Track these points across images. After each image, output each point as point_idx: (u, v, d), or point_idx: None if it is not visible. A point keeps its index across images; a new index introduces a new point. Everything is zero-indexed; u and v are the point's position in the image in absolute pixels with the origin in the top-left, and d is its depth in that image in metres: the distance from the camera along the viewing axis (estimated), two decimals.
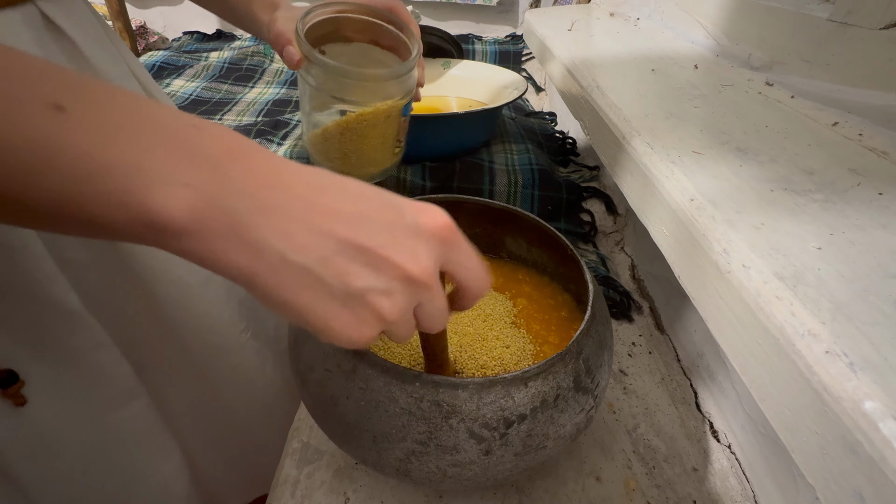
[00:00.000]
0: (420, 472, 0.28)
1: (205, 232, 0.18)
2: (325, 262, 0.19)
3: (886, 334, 0.21)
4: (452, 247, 0.22)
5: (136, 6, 1.70)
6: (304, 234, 0.19)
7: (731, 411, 0.41)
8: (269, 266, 0.19)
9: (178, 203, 0.17)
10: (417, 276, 0.21)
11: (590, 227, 0.63)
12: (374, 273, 0.20)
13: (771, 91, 0.46)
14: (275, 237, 0.19)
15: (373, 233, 0.20)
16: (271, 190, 0.19)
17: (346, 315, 0.20)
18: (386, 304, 0.20)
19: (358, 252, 0.20)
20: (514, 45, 1.26)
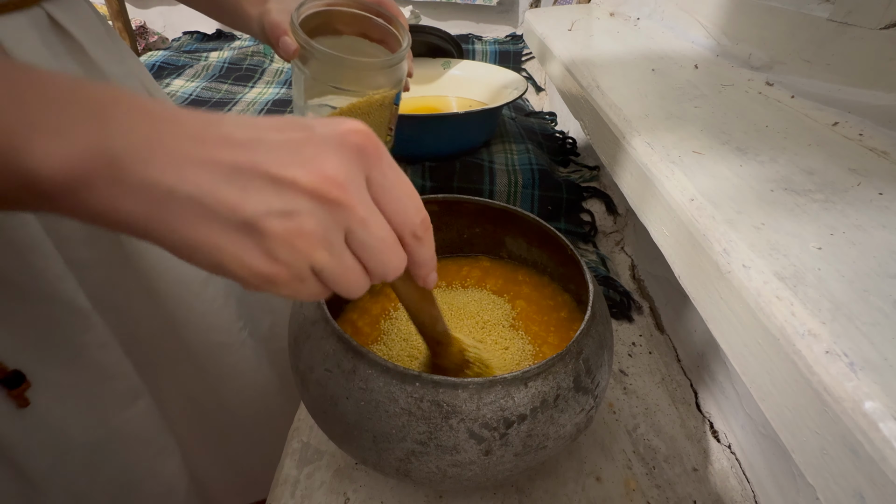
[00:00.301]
0: (420, 472, 0.28)
1: (88, 183, 0.16)
2: (215, 192, 0.17)
3: (886, 334, 0.21)
4: (374, 163, 0.19)
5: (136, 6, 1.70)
6: (191, 166, 0.17)
7: (731, 411, 0.41)
8: (159, 204, 0.17)
9: (52, 155, 0.16)
10: (323, 189, 0.18)
11: (590, 227, 0.63)
12: (269, 194, 0.17)
13: (771, 91, 0.46)
14: (161, 173, 0.17)
15: (267, 152, 0.18)
16: (158, 125, 0.17)
17: (251, 249, 0.18)
18: (288, 227, 0.17)
19: (249, 175, 0.17)
20: (514, 45, 1.26)
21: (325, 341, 0.30)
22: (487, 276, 0.45)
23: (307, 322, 0.32)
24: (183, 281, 0.51)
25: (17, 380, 0.40)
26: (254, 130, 0.18)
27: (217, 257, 0.18)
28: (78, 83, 0.17)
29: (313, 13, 0.43)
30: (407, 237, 0.20)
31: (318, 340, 0.30)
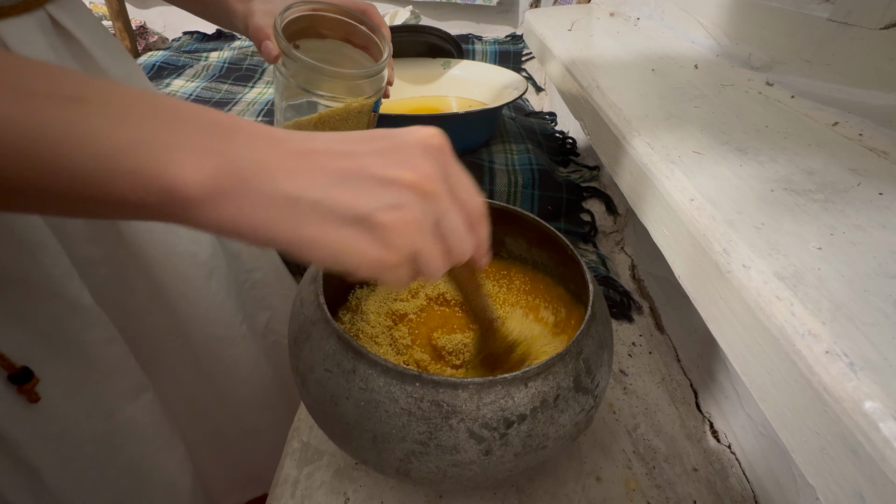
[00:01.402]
0: (420, 472, 0.28)
1: (222, 195, 0.19)
2: (330, 193, 0.20)
3: (886, 334, 0.21)
4: (449, 162, 0.23)
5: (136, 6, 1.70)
6: (308, 175, 0.20)
7: (731, 411, 0.41)
8: (284, 211, 0.20)
9: (193, 172, 0.18)
10: (422, 184, 0.21)
11: (590, 227, 0.63)
12: (377, 191, 0.20)
13: (771, 91, 0.46)
14: (283, 184, 0.20)
15: (368, 158, 0.21)
16: (271, 148, 0.20)
17: (366, 239, 0.20)
18: (399, 217, 0.20)
19: (359, 178, 0.20)
20: (514, 45, 1.26)
21: (325, 341, 0.30)
22: (487, 277, 0.45)
23: (307, 322, 0.32)
24: (186, 276, 0.52)
25: (26, 376, 0.41)
26: (349, 143, 0.22)
27: (336, 250, 0.20)
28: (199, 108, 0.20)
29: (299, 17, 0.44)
30: (474, 219, 0.24)
31: (318, 340, 0.30)
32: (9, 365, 0.40)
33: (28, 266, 0.40)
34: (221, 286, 0.56)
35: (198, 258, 0.53)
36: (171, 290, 0.51)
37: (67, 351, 0.44)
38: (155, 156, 0.18)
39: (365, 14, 0.46)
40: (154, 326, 0.53)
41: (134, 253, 0.48)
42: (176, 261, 0.51)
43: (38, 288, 0.41)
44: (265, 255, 0.65)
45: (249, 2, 0.48)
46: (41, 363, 0.42)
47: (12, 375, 0.40)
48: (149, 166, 0.18)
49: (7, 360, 0.40)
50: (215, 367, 0.58)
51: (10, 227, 0.38)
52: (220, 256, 0.56)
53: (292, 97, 0.47)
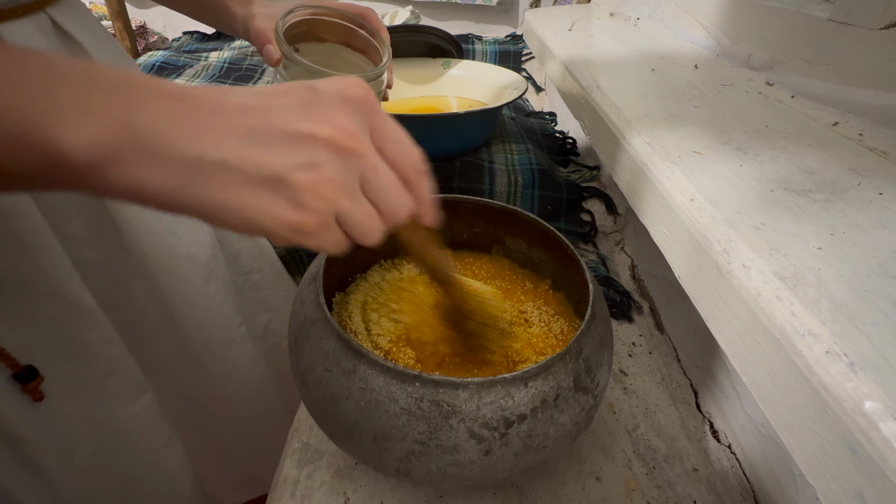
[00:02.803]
0: (420, 472, 0.28)
1: (117, 158, 0.17)
2: (240, 153, 0.19)
3: (886, 334, 0.21)
4: (374, 115, 0.21)
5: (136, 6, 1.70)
6: (214, 134, 0.18)
7: (731, 411, 0.41)
8: (189, 173, 0.18)
9: (82, 135, 0.17)
10: (340, 139, 0.19)
11: (590, 227, 0.63)
12: (291, 149, 0.19)
13: (771, 91, 0.46)
14: (186, 143, 0.18)
15: (282, 113, 0.19)
16: (175, 106, 0.18)
17: (280, 201, 0.19)
18: (313, 177, 0.19)
19: (270, 135, 0.19)
20: (514, 45, 1.26)
21: (325, 341, 0.30)
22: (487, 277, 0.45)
23: (307, 322, 0.32)
24: (185, 278, 0.52)
25: (31, 374, 0.41)
26: (263, 97, 0.20)
27: (249, 214, 0.19)
28: (94, 66, 0.18)
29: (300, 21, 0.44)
30: (410, 176, 0.22)
31: (318, 340, 0.30)
32: (13, 363, 0.40)
33: (29, 267, 0.40)
34: (220, 288, 0.56)
35: (197, 260, 0.53)
36: (171, 292, 0.51)
37: (68, 351, 0.44)
38: (38, 119, 0.17)
39: (364, 18, 0.46)
40: (153, 328, 0.53)
41: (133, 255, 0.48)
42: (175, 263, 0.51)
43: (40, 289, 0.41)
44: (264, 257, 0.65)
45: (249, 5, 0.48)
46: (43, 363, 0.42)
47: (17, 374, 0.40)
48: (32, 130, 0.16)
49: (12, 359, 0.40)
50: (214, 368, 0.58)
51: (11, 229, 0.38)
52: (220, 258, 0.56)
53: None
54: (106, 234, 0.47)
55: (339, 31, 0.47)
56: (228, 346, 0.58)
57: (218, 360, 0.58)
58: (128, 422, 0.50)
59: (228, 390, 0.60)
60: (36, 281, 0.40)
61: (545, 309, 0.41)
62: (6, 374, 0.40)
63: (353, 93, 0.20)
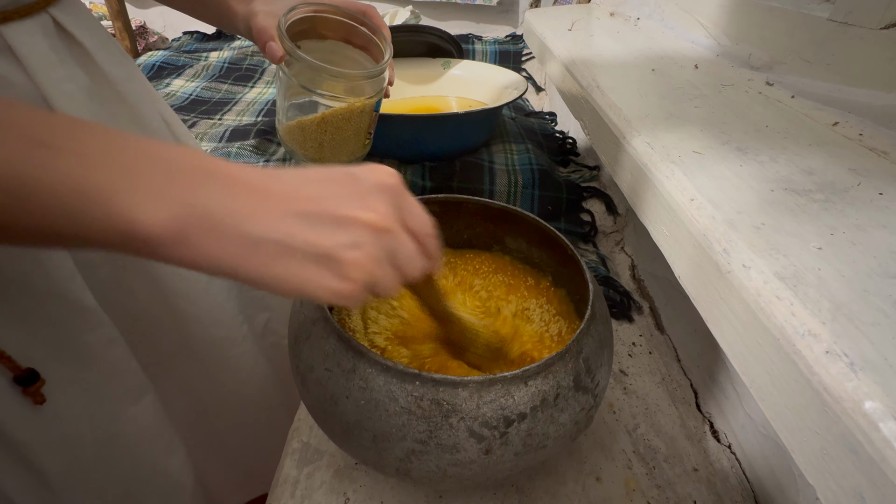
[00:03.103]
0: (420, 472, 0.28)
1: (186, 237, 0.20)
2: (294, 234, 0.22)
3: (886, 334, 0.21)
4: (402, 197, 0.25)
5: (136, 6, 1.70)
6: (273, 216, 0.22)
7: (731, 411, 0.41)
8: (249, 250, 0.21)
9: (157, 215, 0.20)
10: (379, 224, 0.23)
11: (590, 227, 0.63)
12: (338, 231, 0.22)
13: (771, 91, 0.46)
14: (247, 224, 0.21)
15: (330, 200, 0.23)
16: (236, 189, 0.22)
17: (327, 273, 0.22)
18: (358, 255, 0.23)
19: (321, 218, 0.22)
20: (514, 45, 1.26)
21: (325, 341, 0.30)
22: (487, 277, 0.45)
23: (307, 322, 0.32)
24: (188, 277, 0.52)
25: (32, 378, 0.41)
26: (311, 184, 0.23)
27: (301, 285, 0.22)
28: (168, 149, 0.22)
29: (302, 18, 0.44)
30: (425, 241, 0.26)
31: (318, 340, 0.30)
32: (14, 367, 0.40)
33: (30, 268, 0.40)
34: (222, 287, 0.56)
35: None
36: (173, 292, 0.51)
37: (70, 353, 0.44)
38: (120, 202, 0.19)
39: (365, 15, 0.46)
40: (155, 328, 0.53)
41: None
42: None
43: (41, 289, 0.41)
44: None
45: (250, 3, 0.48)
46: (44, 365, 0.42)
47: (18, 377, 0.40)
48: (114, 212, 0.19)
49: (13, 362, 0.39)
50: (217, 367, 0.58)
51: None
52: None
53: (295, 97, 0.47)
54: None
55: (341, 28, 0.47)
56: (231, 345, 0.58)
57: (220, 359, 0.58)
58: (129, 423, 0.50)
59: (230, 389, 0.61)
60: (38, 282, 0.40)
61: (547, 308, 0.41)
62: (7, 378, 0.40)
63: (388, 181, 0.25)
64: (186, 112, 0.90)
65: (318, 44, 0.47)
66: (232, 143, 0.71)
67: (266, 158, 0.66)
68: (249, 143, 0.70)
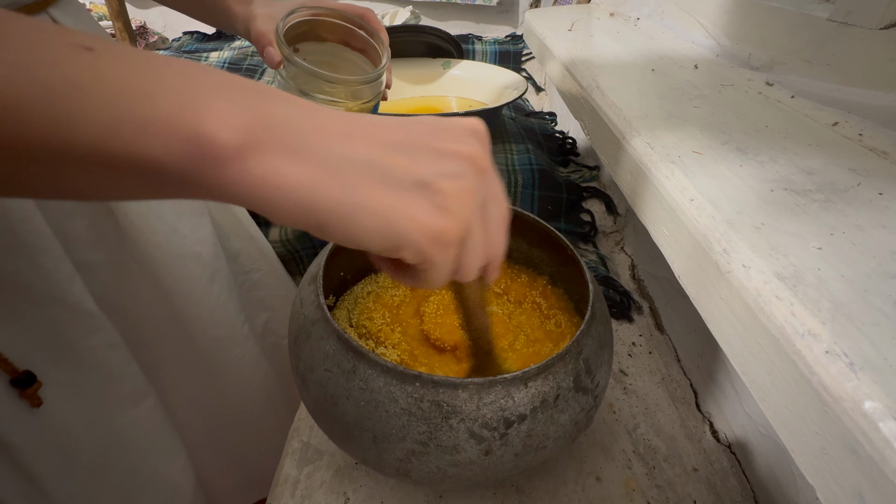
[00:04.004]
0: (420, 472, 0.28)
1: (259, 150, 0.17)
2: (388, 157, 0.19)
3: (886, 334, 0.21)
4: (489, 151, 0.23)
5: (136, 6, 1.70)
6: (361, 139, 0.19)
7: (731, 411, 0.41)
8: (333, 171, 0.18)
9: (227, 121, 0.17)
10: (479, 160, 0.21)
11: (590, 227, 0.63)
12: (437, 160, 0.20)
13: (771, 91, 0.46)
14: (333, 143, 0.18)
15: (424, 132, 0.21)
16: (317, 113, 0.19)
17: (426, 205, 0.19)
18: (460, 186, 0.20)
19: (416, 147, 0.20)
20: (514, 45, 1.26)
21: (325, 341, 0.30)
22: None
23: (307, 322, 0.32)
24: (189, 278, 0.52)
25: (29, 380, 0.41)
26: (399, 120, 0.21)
27: (390, 216, 0.19)
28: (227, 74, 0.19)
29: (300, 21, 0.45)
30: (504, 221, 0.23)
31: (318, 340, 0.30)
32: (11, 369, 0.39)
33: (30, 270, 0.40)
34: (224, 287, 0.56)
35: (201, 259, 0.53)
36: (175, 293, 0.51)
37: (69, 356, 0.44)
38: (183, 102, 0.17)
39: (363, 18, 0.46)
40: (156, 329, 0.53)
41: (137, 256, 0.48)
42: (180, 263, 0.50)
43: (40, 292, 0.41)
44: (263, 256, 0.65)
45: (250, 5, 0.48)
46: (43, 368, 0.42)
47: (14, 380, 0.40)
48: (177, 113, 0.16)
49: (10, 365, 0.39)
50: (219, 367, 0.58)
51: (12, 232, 0.38)
52: (222, 257, 0.56)
53: None
54: (109, 236, 0.46)
55: (339, 31, 0.47)
56: (232, 345, 0.58)
57: (222, 359, 0.58)
58: (129, 427, 0.50)
59: (232, 390, 0.60)
60: (37, 284, 0.40)
61: (546, 308, 0.41)
62: (4, 380, 0.40)
63: (479, 127, 0.22)
64: None
65: (316, 46, 0.48)
66: None
67: None
68: None
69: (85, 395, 0.46)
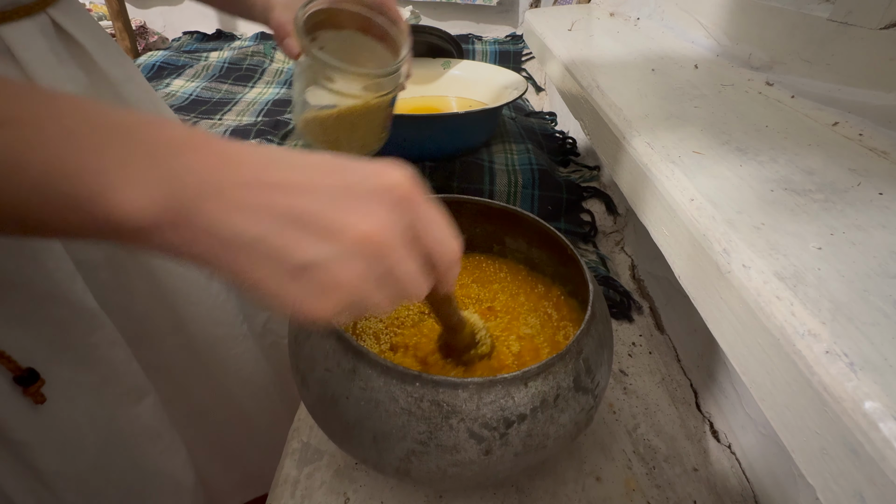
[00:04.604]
0: (420, 472, 0.28)
1: (162, 226, 0.18)
2: (274, 234, 0.19)
3: (886, 334, 0.21)
4: (413, 204, 0.21)
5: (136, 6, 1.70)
6: (251, 210, 0.19)
7: (731, 411, 0.41)
8: (224, 246, 0.19)
9: (137, 203, 0.18)
10: (371, 238, 0.19)
11: (590, 227, 0.63)
12: (322, 241, 0.19)
13: (771, 91, 0.46)
14: (225, 216, 0.18)
15: (320, 199, 0.19)
16: (220, 171, 0.19)
17: (304, 288, 0.19)
18: (340, 273, 0.19)
19: (306, 221, 0.19)
20: (514, 45, 1.26)
21: (325, 341, 0.30)
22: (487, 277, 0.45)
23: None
24: (188, 277, 0.52)
25: (32, 378, 0.41)
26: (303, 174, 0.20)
27: (272, 294, 0.19)
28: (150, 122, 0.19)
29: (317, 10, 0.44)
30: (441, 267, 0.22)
31: (318, 340, 0.30)
32: (15, 367, 0.40)
33: (31, 269, 0.40)
34: (222, 286, 0.56)
35: None
36: (174, 292, 0.51)
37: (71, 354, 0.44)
38: (97, 184, 0.17)
39: (383, 7, 0.45)
40: (156, 328, 0.53)
41: (136, 255, 0.48)
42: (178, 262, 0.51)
43: (42, 291, 0.41)
44: None
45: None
46: (45, 366, 0.42)
47: (18, 377, 0.40)
48: (90, 195, 0.17)
49: (13, 362, 0.40)
50: (218, 366, 0.58)
51: None
52: None
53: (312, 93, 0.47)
54: None
55: (358, 19, 0.47)
56: (232, 344, 0.58)
57: (221, 358, 0.58)
58: (130, 424, 0.50)
59: (232, 388, 0.61)
60: (38, 283, 0.40)
61: (546, 308, 0.41)
62: (7, 378, 0.40)
63: (398, 185, 0.20)
64: (186, 112, 0.91)
65: (335, 34, 0.47)
66: None
67: None
68: None
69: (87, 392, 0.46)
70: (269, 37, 1.36)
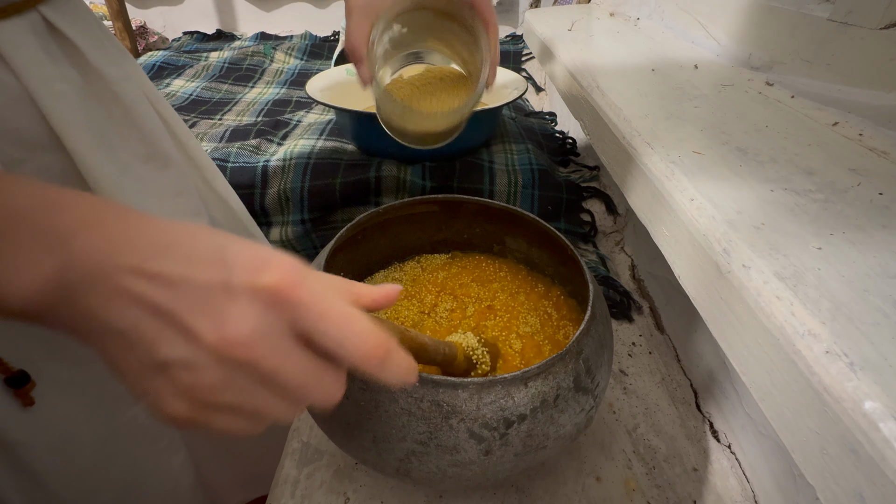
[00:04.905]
0: (420, 472, 0.28)
1: (49, 312, 0.19)
2: (138, 328, 0.18)
3: (886, 334, 0.21)
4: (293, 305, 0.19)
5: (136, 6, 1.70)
6: (126, 300, 0.18)
7: (731, 411, 0.41)
8: (99, 332, 0.19)
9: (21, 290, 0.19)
10: (229, 343, 0.18)
11: (590, 227, 0.63)
12: (182, 342, 0.18)
13: (771, 91, 0.46)
14: (103, 303, 0.19)
15: (188, 296, 0.18)
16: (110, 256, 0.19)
17: (163, 385, 0.19)
18: (196, 377, 0.18)
19: (171, 318, 0.18)
20: (514, 45, 1.26)
21: None
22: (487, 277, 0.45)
23: None
24: None
25: (23, 380, 0.41)
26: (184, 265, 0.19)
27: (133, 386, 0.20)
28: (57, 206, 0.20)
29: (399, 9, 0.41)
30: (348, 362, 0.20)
31: None
32: (5, 368, 0.40)
33: None
34: None
35: None
36: None
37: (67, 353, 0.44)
38: None
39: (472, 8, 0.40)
40: None
41: None
42: None
43: None
44: None
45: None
46: (41, 366, 0.42)
47: (9, 378, 0.40)
48: None
49: (4, 364, 0.39)
50: None
51: None
52: None
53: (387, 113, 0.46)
54: None
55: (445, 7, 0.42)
56: None
57: None
58: (129, 424, 0.50)
59: None
60: None
61: (546, 308, 0.41)
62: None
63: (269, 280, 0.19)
64: (187, 112, 0.90)
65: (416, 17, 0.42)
66: (232, 144, 0.71)
67: (266, 158, 0.67)
68: (250, 144, 0.70)
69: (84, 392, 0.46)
70: (269, 37, 1.36)
